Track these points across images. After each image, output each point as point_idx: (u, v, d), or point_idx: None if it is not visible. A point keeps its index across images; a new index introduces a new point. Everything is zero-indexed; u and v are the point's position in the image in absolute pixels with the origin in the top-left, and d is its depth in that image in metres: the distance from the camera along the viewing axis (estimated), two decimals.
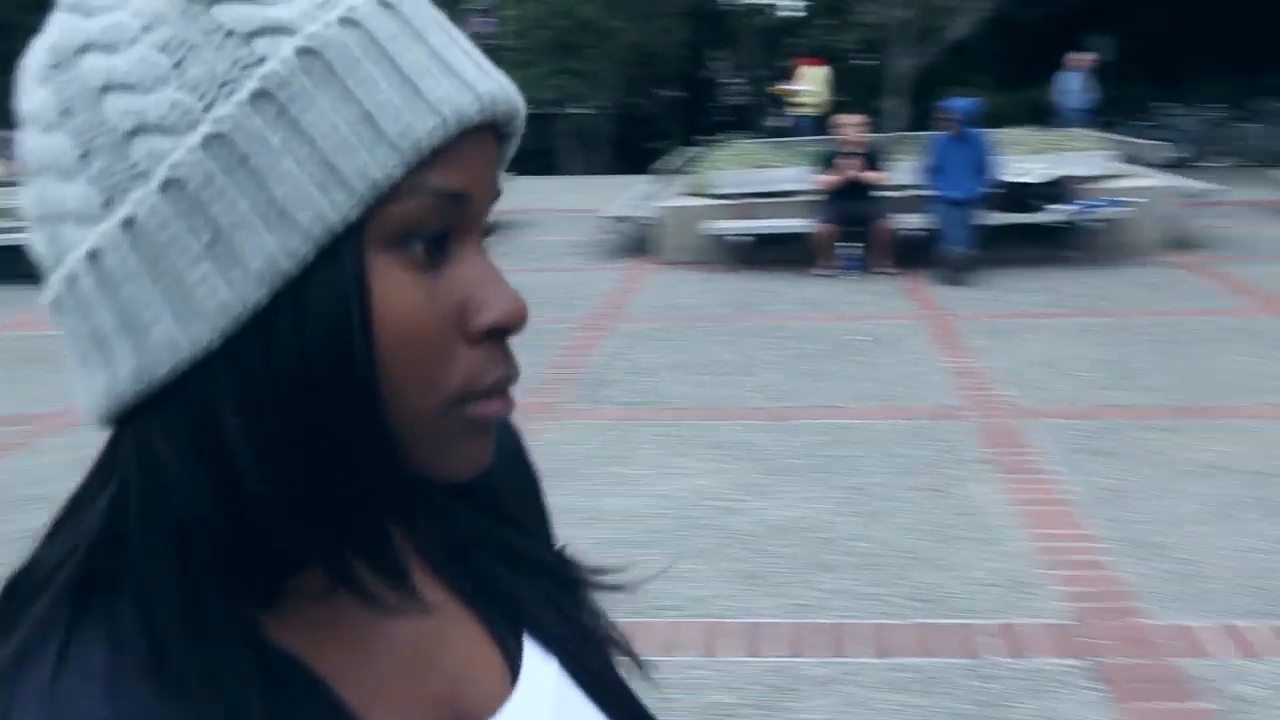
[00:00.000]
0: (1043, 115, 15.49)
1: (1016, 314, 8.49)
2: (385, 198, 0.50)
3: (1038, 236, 10.16)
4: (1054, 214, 10.16)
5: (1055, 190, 10.22)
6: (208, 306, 0.49)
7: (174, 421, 0.50)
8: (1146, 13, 19.99)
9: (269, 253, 0.48)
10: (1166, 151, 15.75)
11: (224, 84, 0.49)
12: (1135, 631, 3.84)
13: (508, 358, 0.56)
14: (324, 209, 0.49)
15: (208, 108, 0.48)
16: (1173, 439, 5.65)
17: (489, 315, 0.54)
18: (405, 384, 0.52)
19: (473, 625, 0.65)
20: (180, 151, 0.48)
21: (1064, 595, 4.09)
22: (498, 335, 0.55)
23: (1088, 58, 17.08)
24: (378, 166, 0.49)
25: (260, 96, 0.48)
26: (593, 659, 0.68)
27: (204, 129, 0.48)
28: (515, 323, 0.55)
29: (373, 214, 0.50)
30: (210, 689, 0.50)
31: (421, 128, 0.50)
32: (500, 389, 0.56)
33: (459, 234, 0.54)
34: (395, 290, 0.51)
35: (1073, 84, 16.97)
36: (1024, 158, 10.78)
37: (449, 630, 0.63)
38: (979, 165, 9.76)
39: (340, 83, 0.49)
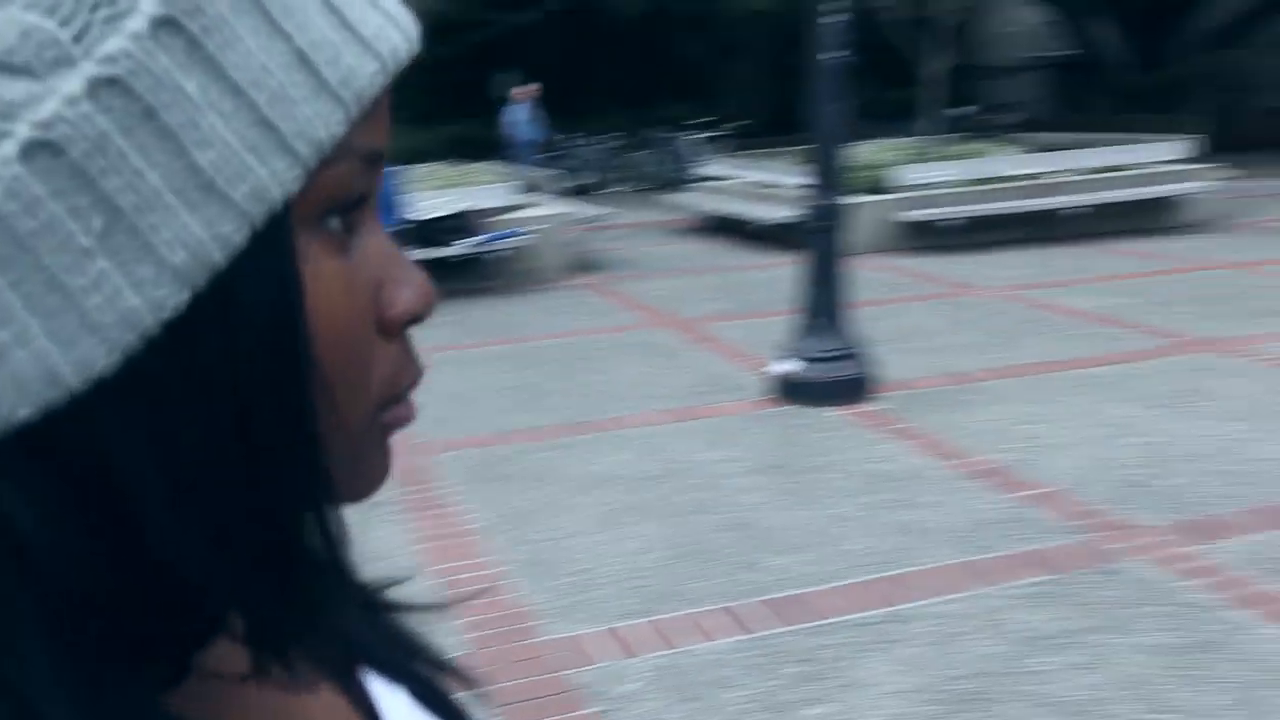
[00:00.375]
0: (467, 149, 15.81)
1: (424, 349, 8.57)
2: (322, 163, 0.39)
3: (448, 271, 10.44)
4: (461, 248, 10.49)
5: (460, 224, 10.56)
6: (104, 320, 0.35)
7: (38, 475, 0.36)
8: (545, 51, 21.30)
9: (193, 240, 0.36)
10: (568, 180, 16.84)
11: (98, 6, 0.34)
12: (527, 651, 3.97)
13: (415, 353, 0.47)
14: (264, 180, 0.36)
15: (79, 38, 0.34)
16: (568, 455, 5.97)
17: (406, 303, 0.45)
18: (335, 394, 0.41)
19: (328, 685, 0.54)
20: (52, 102, 0.33)
21: (463, 627, 4.16)
22: (409, 325, 0.46)
23: (531, 89, 17.50)
24: (321, 123, 0.38)
25: (164, 25, 0.35)
26: (432, 679, 0.60)
27: (86, 70, 0.34)
28: (430, 308, 0.46)
29: (307, 185, 0.38)
30: None
31: (363, 73, 0.39)
32: (411, 391, 0.47)
33: (367, 205, 0.43)
34: (322, 280, 0.40)
35: (520, 115, 17.43)
36: (433, 193, 11.05)
37: (325, 699, 0.53)
38: (386, 204, 9.86)
39: (263, 10, 0.37)
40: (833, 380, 6.63)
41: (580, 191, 18.05)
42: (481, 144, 17.03)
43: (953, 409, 6.48)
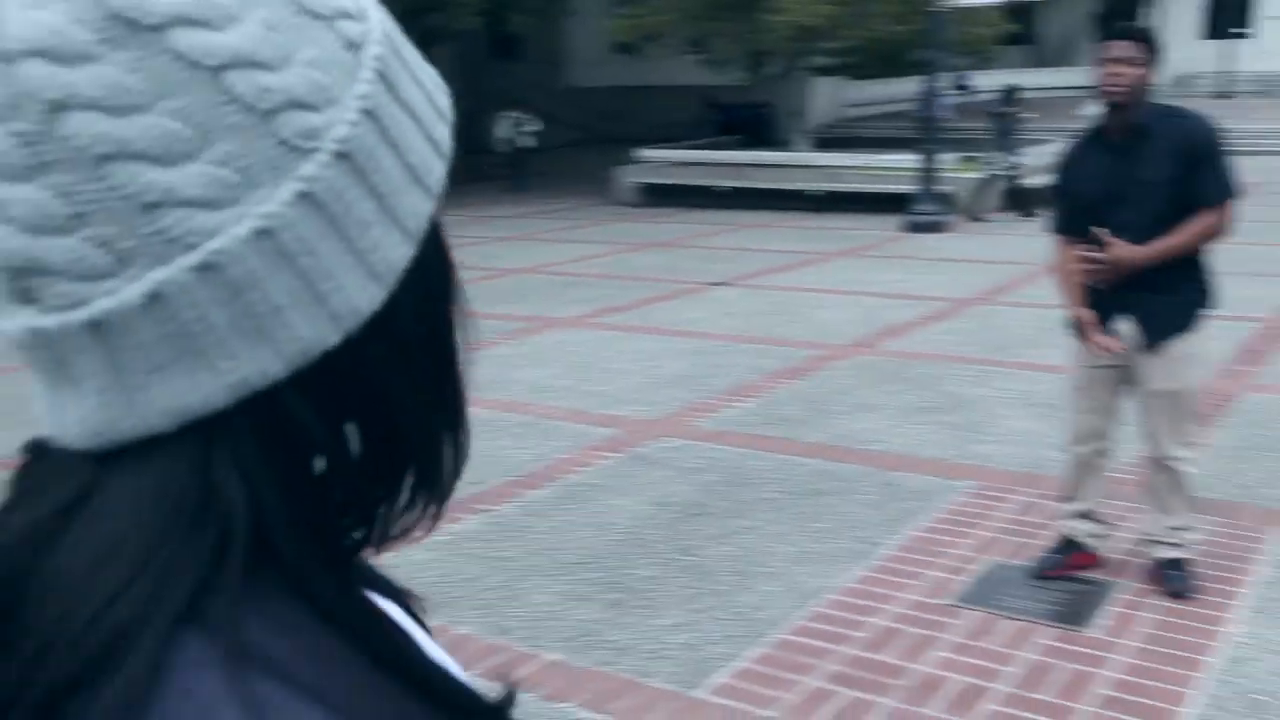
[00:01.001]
0: None
1: None
2: None
3: None
4: None
5: None
6: (379, 269, 0.51)
7: (325, 385, 0.51)
8: None
9: (416, 213, 0.53)
10: None
11: (349, 72, 0.51)
12: None
13: None
14: (437, 171, 0.54)
15: (340, 88, 0.50)
16: None
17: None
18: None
19: None
20: (340, 127, 0.50)
21: None
22: None
23: None
24: (424, 211, 0.54)
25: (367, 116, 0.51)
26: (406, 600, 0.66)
27: (351, 105, 0.50)
28: None
29: None
30: (377, 632, 0.52)
31: (441, 173, 0.55)
32: None
33: None
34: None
35: None
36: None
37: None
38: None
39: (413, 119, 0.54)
40: None
41: None
42: None
43: None
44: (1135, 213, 3.86)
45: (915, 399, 6.79)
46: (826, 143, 26.44)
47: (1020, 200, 15.30)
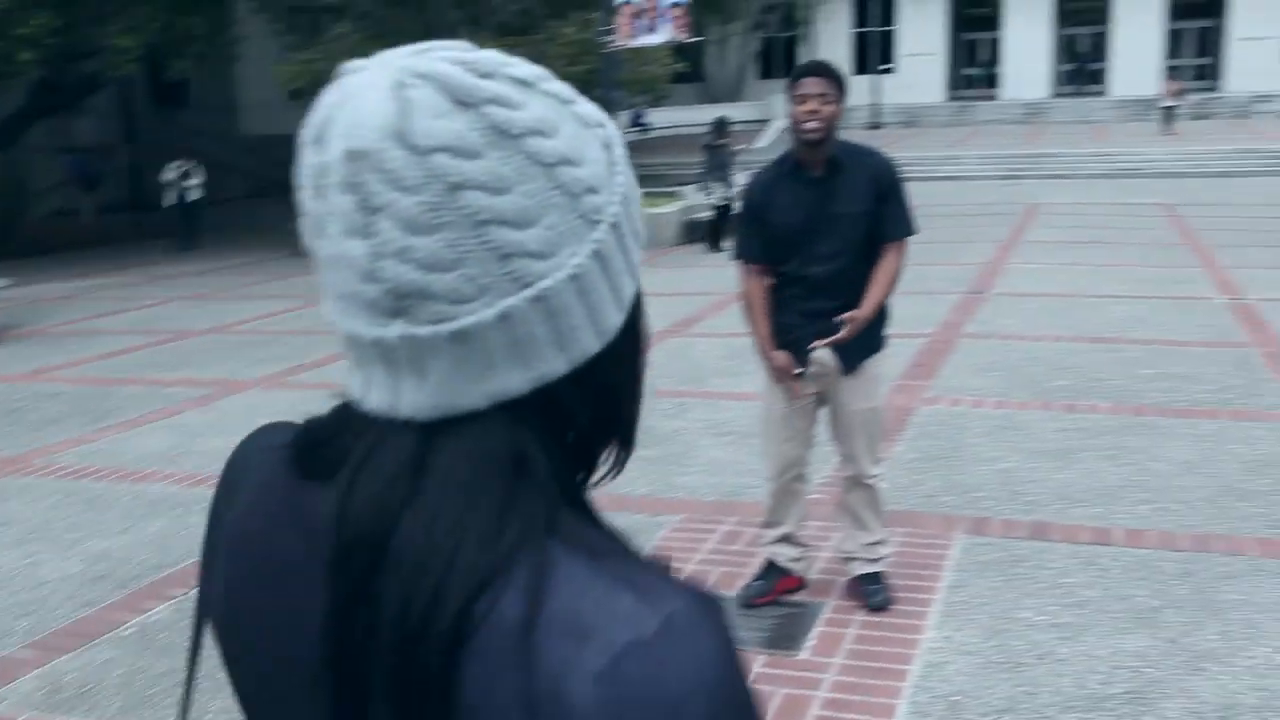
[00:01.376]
0: None
1: None
2: None
3: None
4: None
5: None
6: (624, 299, 0.75)
7: (582, 382, 0.73)
8: None
9: (639, 259, 0.77)
10: None
11: (610, 167, 0.75)
12: None
13: None
14: (643, 230, 0.78)
15: (609, 174, 0.74)
16: None
17: None
18: None
19: None
20: (613, 206, 0.73)
21: None
22: None
23: None
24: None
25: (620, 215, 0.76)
26: None
27: (618, 190, 0.74)
28: None
29: None
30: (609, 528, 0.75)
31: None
32: None
33: None
34: None
35: None
36: None
37: None
38: None
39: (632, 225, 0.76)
40: None
41: None
42: None
43: None
44: (831, 244, 4.03)
45: None
46: None
47: (714, 232, 15.80)
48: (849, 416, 4.19)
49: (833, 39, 42.10)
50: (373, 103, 0.68)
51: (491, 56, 0.71)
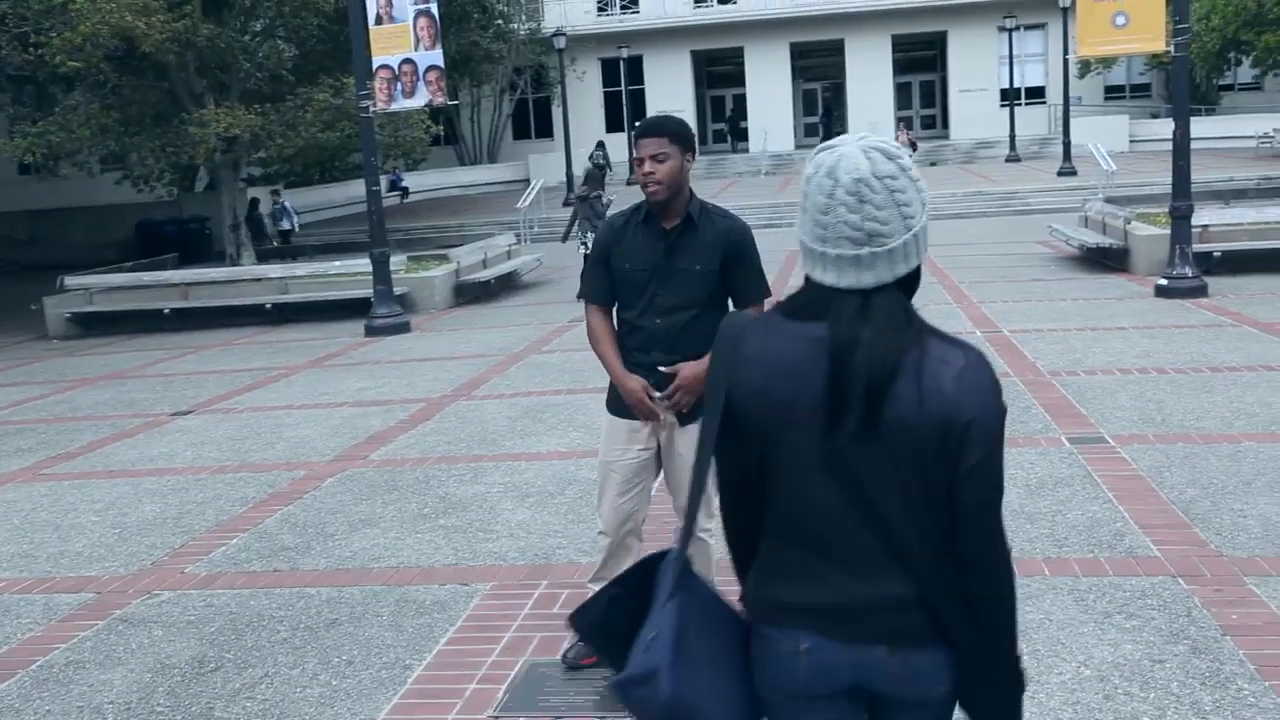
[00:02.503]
0: None
1: None
2: None
3: None
4: None
5: None
6: (922, 252, 1.97)
7: (914, 273, 1.99)
8: None
9: (925, 243, 2.04)
10: None
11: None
12: None
13: None
14: None
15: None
16: None
17: None
18: None
19: None
20: (923, 216, 1.96)
21: None
22: None
23: None
24: None
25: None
26: None
27: (924, 209, 1.98)
28: None
29: None
30: None
31: None
32: None
33: None
34: None
35: None
36: None
37: None
38: None
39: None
40: None
41: None
42: None
43: None
44: (672, 297, 4.03)
45: (414, 507, 6.66)
46: (275, 253, 25.92)
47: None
48: (684, 469, 4.17)
49: (586, 100, 42.87)
50: (857, 158, 1.91)
51: (889, 142, 1.94)
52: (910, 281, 1.96)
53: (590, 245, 15.96)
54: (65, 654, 4.91)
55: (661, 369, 4.01)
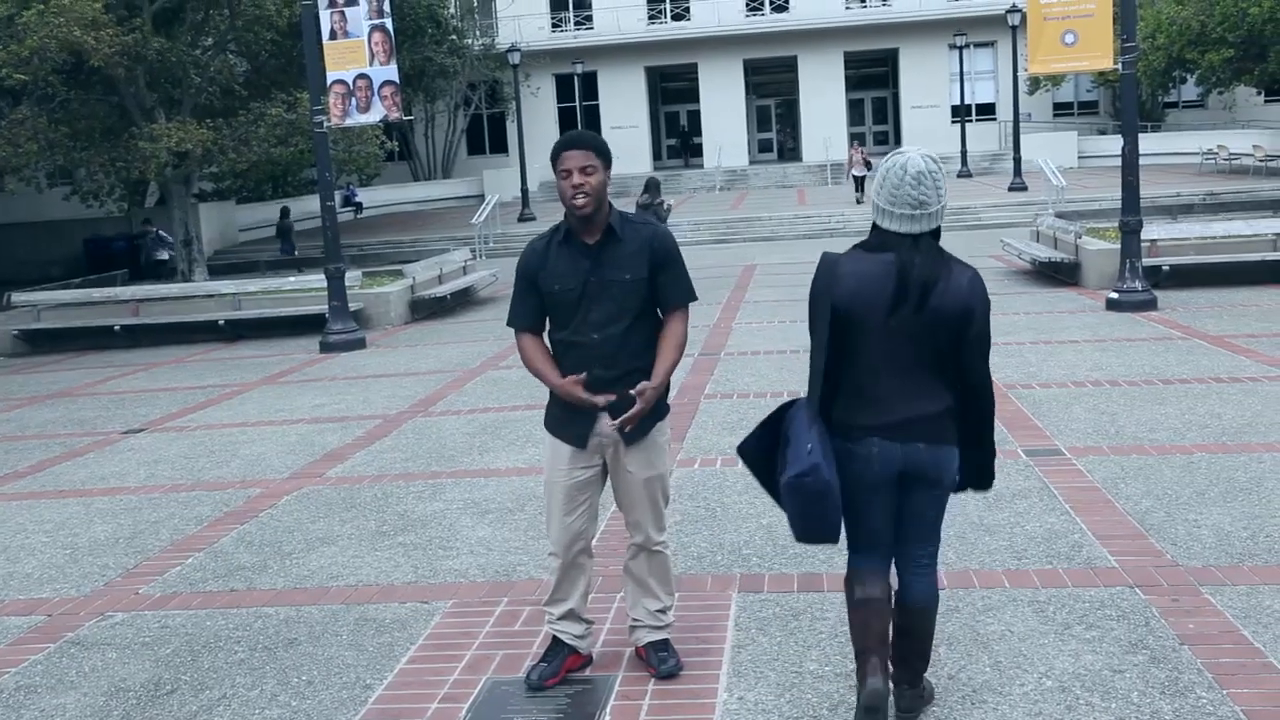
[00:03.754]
0: None
1: None
2: None
3: None
4: None
5: None
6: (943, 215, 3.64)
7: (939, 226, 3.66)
8: None
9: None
10: None
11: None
12: None
13: None
14: None
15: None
16: None
17: None
18: None
19: None
20: (945, 199, 3.60)
21: None
22: None
23: None
24: None
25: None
26: None
27: (945, 201, 3.61)
28: None
29: None
30: None
31: None
32: None
33: None
34: None
35: None
36: None
37: None
38: None
39: None
40: None
41: None
42: None
43: None
44: (604, 310, 4.02)
45: (372, 524, 6.60)
46: (228, 268, 25.66)
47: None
48: (634, 485, 4.16)
49: (541, 115, 42.86)
50: (919, 160, 3.49)
51: (933, 152, 3.58)
52: (937, 232, 3.55)
53: None
54: (15, 678, 4.81)
55: (631, 391, 3.98)
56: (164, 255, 26.93)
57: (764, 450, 3.72)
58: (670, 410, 4.29)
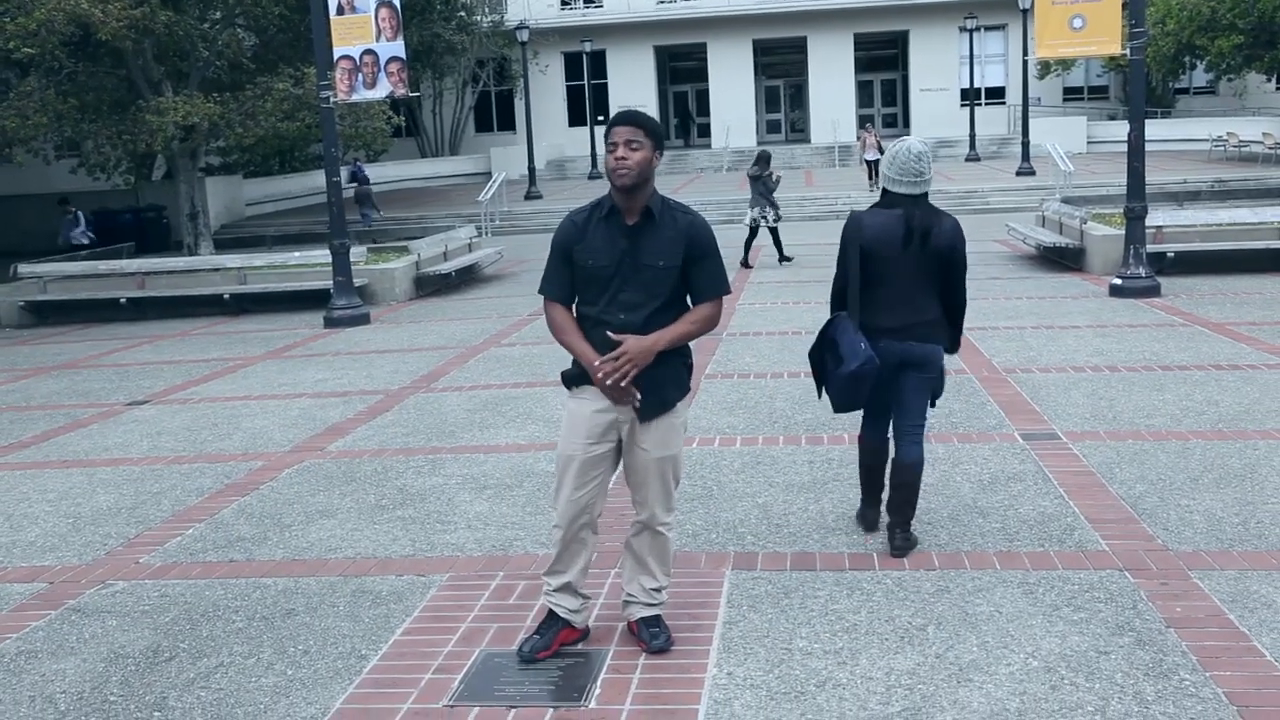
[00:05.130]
0: None
1: None
2: None
3: None
4: None
5: None
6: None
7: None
8: None
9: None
10: None
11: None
12: None
13: None
14: None
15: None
16: None
17: None
18: None
19: None
20: (932, 171, 5.16)
21: None
22: None
23: None
24: None
25: None
26: None
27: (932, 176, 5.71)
28: None
29: None
30: None
31: None
32: None
33: None
34: None
35: None
36: None
37: None
38: None
39: None
40: None
41: None
42: None
43: None
44: (636, 293, 4.06)
45: (371, 498, 6.65)
46: (234, 242, 25.71)
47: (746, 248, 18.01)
48: (647, 463, 4.19)
49: (548, 93, 42.80)
50: (919, 145, 5.01)
51: (926, 141, 6.12)
52: (927, 195, 5.01)
53: (762, 218, 17.79)
54: (17, 644, 4.88)
55: (609, 334, 4.03)
56: (83, 240, 24.41)
57: (817, 351, 5.22)
58: (691, 391, 4.32)
